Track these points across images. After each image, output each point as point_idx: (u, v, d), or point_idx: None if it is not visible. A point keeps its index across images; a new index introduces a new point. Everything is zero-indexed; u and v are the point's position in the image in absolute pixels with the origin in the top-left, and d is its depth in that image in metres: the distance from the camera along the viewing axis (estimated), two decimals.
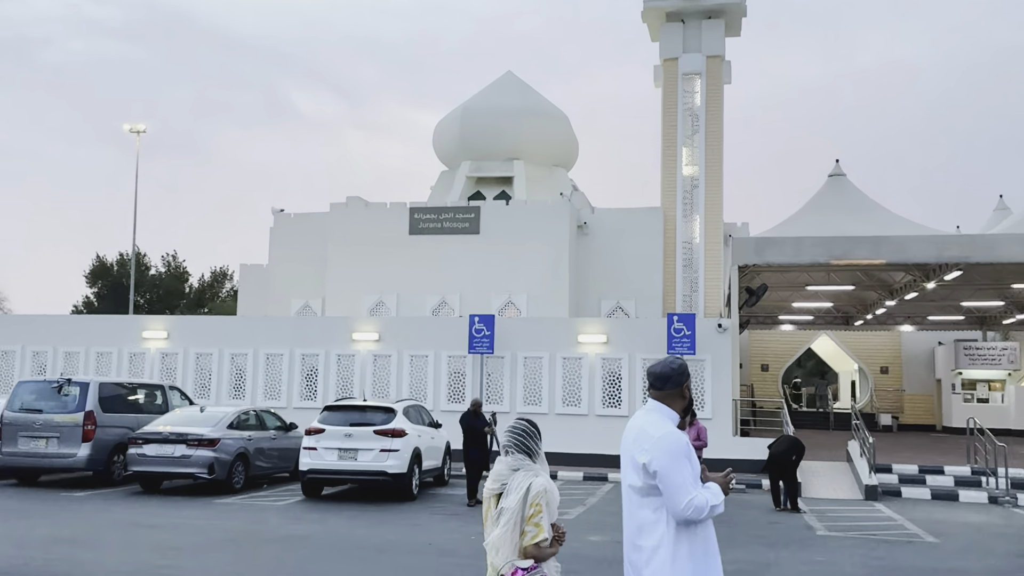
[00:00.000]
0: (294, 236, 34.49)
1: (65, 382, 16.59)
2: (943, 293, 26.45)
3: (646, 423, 4.30)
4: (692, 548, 4.12)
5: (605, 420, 21.69)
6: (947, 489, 18.30)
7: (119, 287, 48.39)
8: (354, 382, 23.27)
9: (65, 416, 16.12)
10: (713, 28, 33.02)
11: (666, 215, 32.65)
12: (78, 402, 16.26)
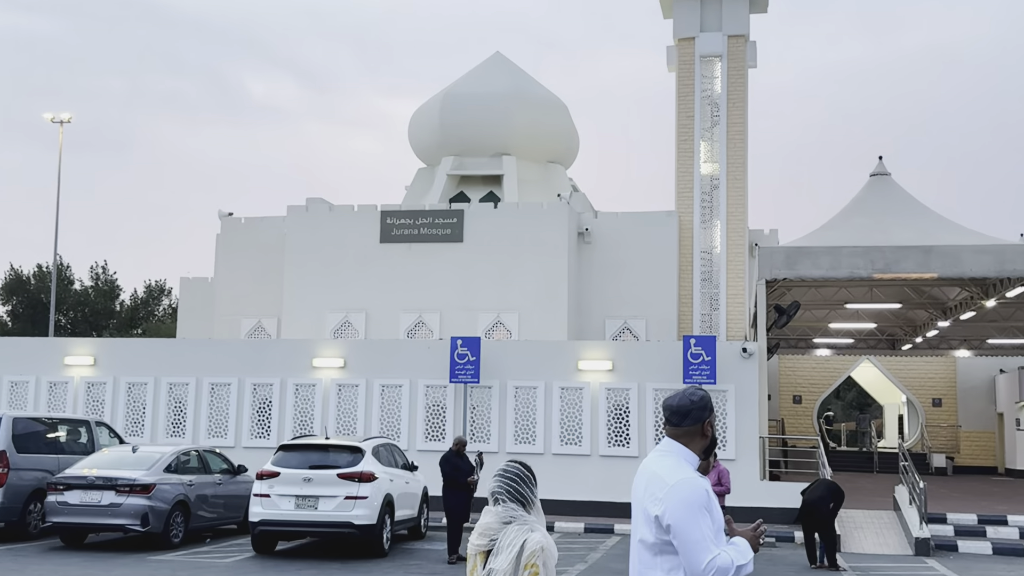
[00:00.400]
0: (245, 245, 34.40)
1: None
2: (1005, 313, 26.56)
3: (660, 467, 4.23)
4: None
5: (610, 461, 21.63)
6: (1012, 543, 18.32)
7: (37, 304, 48.18)
8: (315, 416, 23.16)
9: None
10: (736, 3, 33.24)
11: (681, 220, 32.74)
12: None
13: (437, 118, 36.23)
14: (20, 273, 50.90)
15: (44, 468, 16.60)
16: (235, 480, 17.76)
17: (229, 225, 35.09)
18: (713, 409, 4.37)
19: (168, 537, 15.63)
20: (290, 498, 15.02)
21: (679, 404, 4.32)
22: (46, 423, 17.77)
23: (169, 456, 16.41)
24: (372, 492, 15.04)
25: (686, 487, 4.07)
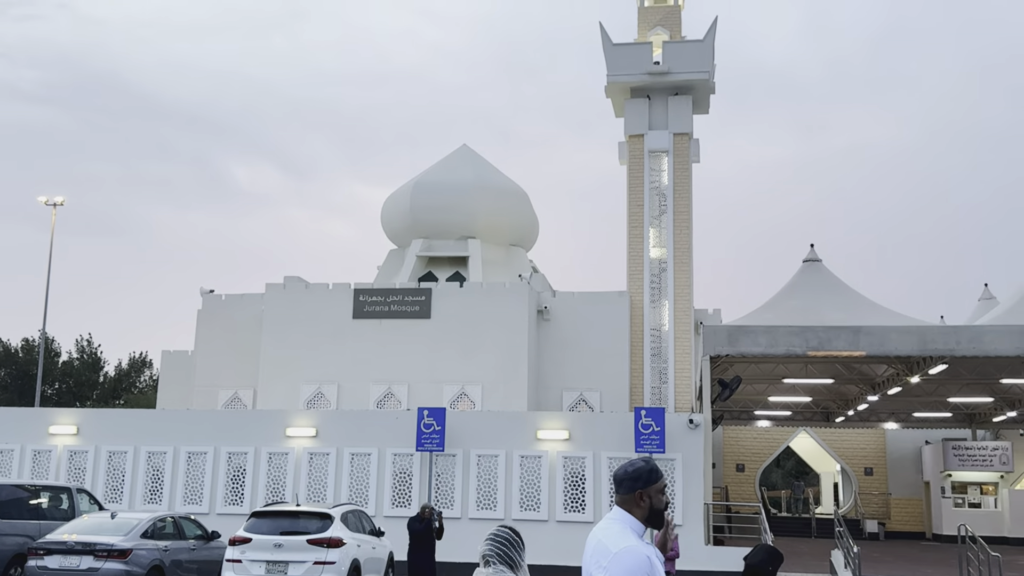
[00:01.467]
0: (224, 320, 34.16)
1: None
2: (928, 388, 26.87)
3: (605, 535, 4.17)
4: None
5: (567, 527, 21.43)
6: None
7: (24, 376, 47.29)
8: (287, 484, 22.80)
9: None
10: (680, 105, 34.07)
11: (632, 300, 33.01)
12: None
13: (408, 204, 36.50)
14: (8, 346, 50.01)
15: (26, 533, 16.17)
16: (208, 546, 17.38)
17: (210, 301, 34.88)
18: (651, 480, 4.25)
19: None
20: (261, 563, 14.73)
21: (618, 473, 4.31)
22: (29, 490, 17.35)
23: (146, 522, 16.06)
24: (340, 557, 14.82)
25: (628, 556, 4.00)
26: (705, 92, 34.61)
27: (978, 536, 20.24)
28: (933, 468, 34.90)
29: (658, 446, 21.26)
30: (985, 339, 21.05)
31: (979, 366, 23.18)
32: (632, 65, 33.96)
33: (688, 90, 34.18)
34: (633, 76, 33.93)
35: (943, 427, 35.16)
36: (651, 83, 33.97)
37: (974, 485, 33.87)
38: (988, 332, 21.43)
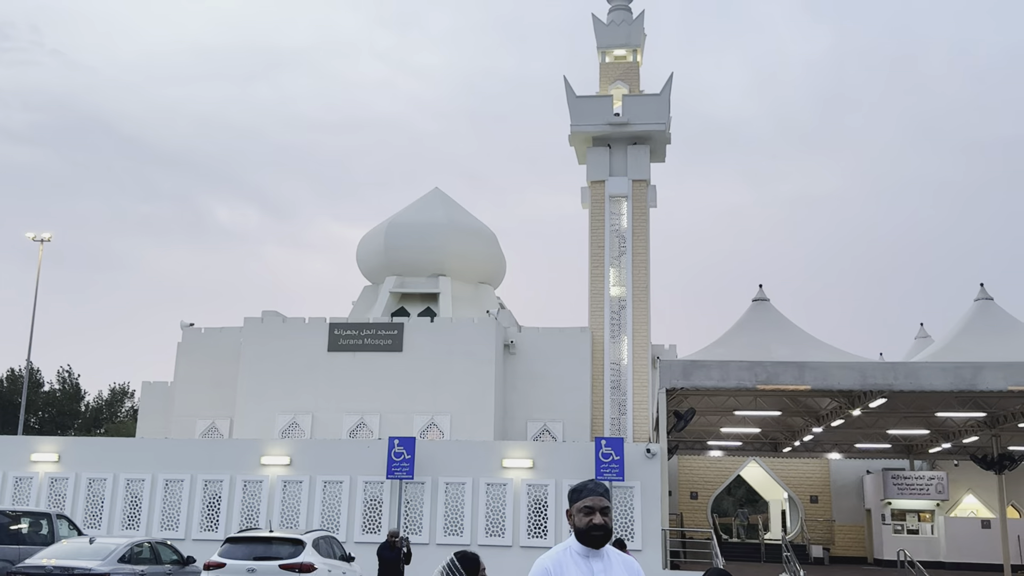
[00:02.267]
0: (203, 352, 33.81)
1: None
2: (869, 421, 27.12)
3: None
4: None
5: (530, 551, 21.28)
6: None
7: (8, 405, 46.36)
8: (261, 511, 22.49)
9: None
10: (638, 153, 34.49)
11: (594, 336, 33.11)
12: None
13: (382, 243, 36.47)
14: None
15: (5, 558, 15.75)
16: (184, 571, 17.03)
17: (190, 334, 34.52)
18: (572, 500, 4.36)
19: None
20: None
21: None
22: (9, 516, 16.95)
23: (123, 548, 15.72)
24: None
25: (535, 563, 4.29)
26: (662, 142, 35.06)
27: (916, 561, 20.38)
28: (874, 496, 35.14)
29: (618, 474, 21.24)
30: (921, 375, 21.31)
31: (916, 400, 23.44)
32: (594, 116, 34.38)
33: (646, 140, 34.61)
34: (595, 126, 34.33)
35: (883, 457, 35.45)
36: (611, 133, 34.38)
37: (912, 512, 34.10)
38: (923, 368, 21.70)
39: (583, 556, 4.25)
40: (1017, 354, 22.14)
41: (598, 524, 4.23)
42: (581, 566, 4.22)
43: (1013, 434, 27.98)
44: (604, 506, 4.26)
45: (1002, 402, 23.61)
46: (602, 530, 4.24)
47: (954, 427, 28.80)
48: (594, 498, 4.27)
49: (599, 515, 4.24)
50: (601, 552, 4.26)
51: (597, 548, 4.24)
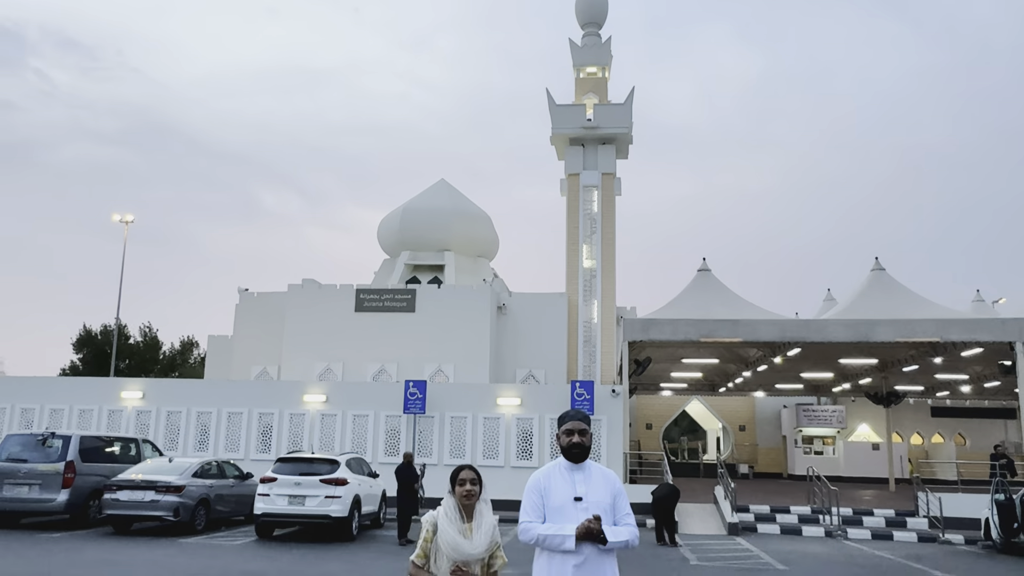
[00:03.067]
0: (256, 312, 33.80)
1: (49, 435, 15.74)
2: (786, 366, 27.41)
3: None
4: (540, 565, 4.17)
5: (519, 471, 21.57)
6: (792, 525, 18.68)
7: (102, 354, 46.23)
8: (304, 437, 22.66)
9: (48, 465, 15.26)
10: (607, 152, 34.38)
11: (570, 300, 33.22)
12: (60, 453, 15.44)
13: (398, 224, 36.36)
14: (90, 331, 48.83)
15: (102, 474, 15.92)
16: (244, 483, 17.25)
17: (245, 297, 34.47)
18: (558, 424, 4.43)
19: (193, 525, 15.07)
20: (284, 497, 14.64)
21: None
22: (104, 440, 17.10)
23: (195, 465, 15.92)
24: (345, 493, 14.75)
25: (530, 476, 4.34)
26: (625, 142, 34.94)
27: (821, 475, 20.71)
28: (788, 425, 35.59)
29: (589, 410, 21.44)
30: (828, 329, 21.55)
31: (823, 350, 23.69)
32: (570, 121, 34.19)
33: (612, 140, 34.49)
34: (571, 129, 34.17)
35: (796, 395, 35.84)
36: (585, 135, 34.23)
37: (818, 438, 34.58)
38: (830, 324, 21.93)
39: (568, 470, 4.35)
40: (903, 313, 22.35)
41: (576, 443, 4.35)
42: (566, 477, 4.33)
43: (899, 376, 28.34)
44: (582, 429, 4.37)
45: (891, 351, 23.91)
46: (580, 448, 4.35)
47: (852, 371, 29.16)
48: (574, 422, 4.38)
49: (577, 436, 4.36)
50: (583, 466, 4.37)
51: (577, 463, 4.35)
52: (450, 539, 4.05)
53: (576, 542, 4.06)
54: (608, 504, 4.26)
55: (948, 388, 31.57)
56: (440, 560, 4.08)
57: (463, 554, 4.03)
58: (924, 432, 35.89)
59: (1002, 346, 21.11)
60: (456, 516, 4.14)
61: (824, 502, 19.54)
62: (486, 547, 4.09)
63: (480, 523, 4.14)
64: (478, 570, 4.11)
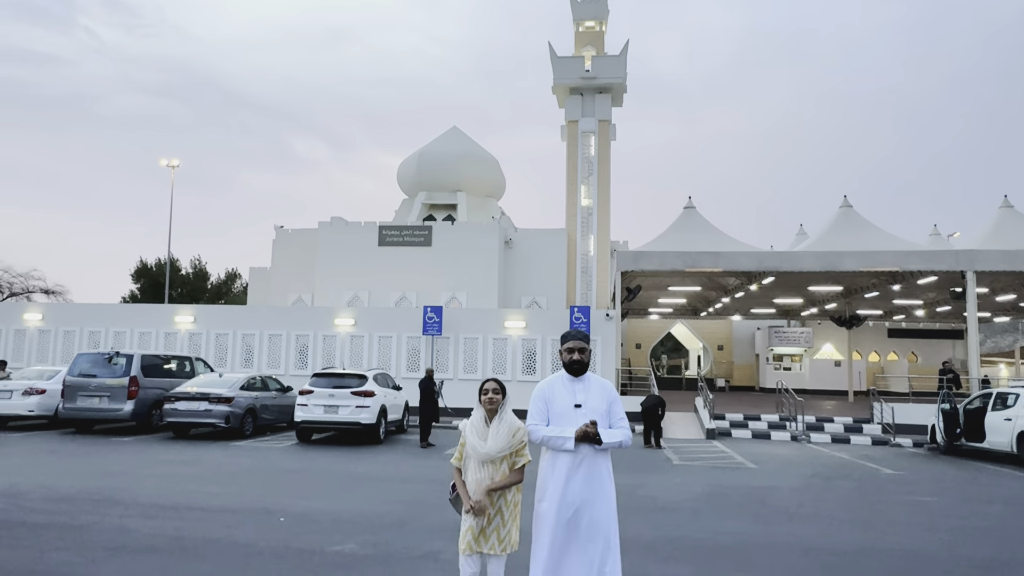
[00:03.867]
0: (291, 246, 33.79)
1: (114, 354, 15.99)
2: (761, 293, 27.42)
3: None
4: (546, 462, 4.27)
5: (524, 384, 21.88)
6: (763, 431, 19.02)
7: (157, 284, 46.60)
8: (336, 356, 22.98)
9: (114, 380, 15.57)
10: (603, 100, 33.57)
11: (569, 235, 33.06)
12: (124, 369, 15.72)
13: (416, 167, 35.91)
14: (146, 263, 49.06)
15: (161, 387, 16.25)
16: (285, 395, 17.58)
17: (281, 233, 34.40)
18: (561, 343, 4.45)
19: (242, 431, 15.44)
20: (320, 407, 14.93)
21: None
22: (162, 358, 17.36)
23: (243, 379, 16.19)
24: (373, 403, 15.02)
25: (535, 387, 4.41)
26: (620, 91, 34.08)
27: (789, 388, 20.96)
28: (761, 345, 35.88)
29: (585, 331, 21.51)
30: (800, 260, 21.42)
31: (795, 278, 23.63)
32: (570, 72, 33.28)
33: (608, 90, 33.65)
34: (571, 80, 33.30)
35: (769, 319, 35.99)
36: (583, 84, 33.38)
37: (787, 356, 34.90)
38: (801, 256, 21.79)
39: (569, 381, 4.41)
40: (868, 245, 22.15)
41: (577, 360, 4.41)
42: (568, 387, 4.39)
43: (860, 302, 28.34)
44: (581, 347, 4.42)
45: (855, 279, 23.85)
46: (579, 364, 4.40)
47: (819, 297, 29.16)
48: (574, 342, 4.43)
49: (578, 353, 4.40)
50: (583, 378, 4.43)
51: (577, 376, 4.41)
52: (471, 444, 4.16)
53: (575, 443, 4.11)
54: (604, 410, 4.33)
55: (904, 312, 31.61)
56: (469, 461, 4.21)
57: (481, 454, 4.14)
58: (881, 351, 36.15)
59: (954, 275, 21.01)
60: (480, 424, 4.24)
61: (791, 411, 19.84)
62: (502, 448, 4.19)
63: (499, 428, 4.23)
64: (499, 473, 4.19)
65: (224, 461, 12.12)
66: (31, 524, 7.18)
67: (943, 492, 10.82)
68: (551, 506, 4.18)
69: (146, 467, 11.29)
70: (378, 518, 7.77)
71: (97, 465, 11.28)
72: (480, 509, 4.09)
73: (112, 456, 12.35)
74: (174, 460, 12.06)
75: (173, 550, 6.26)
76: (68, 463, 11.52)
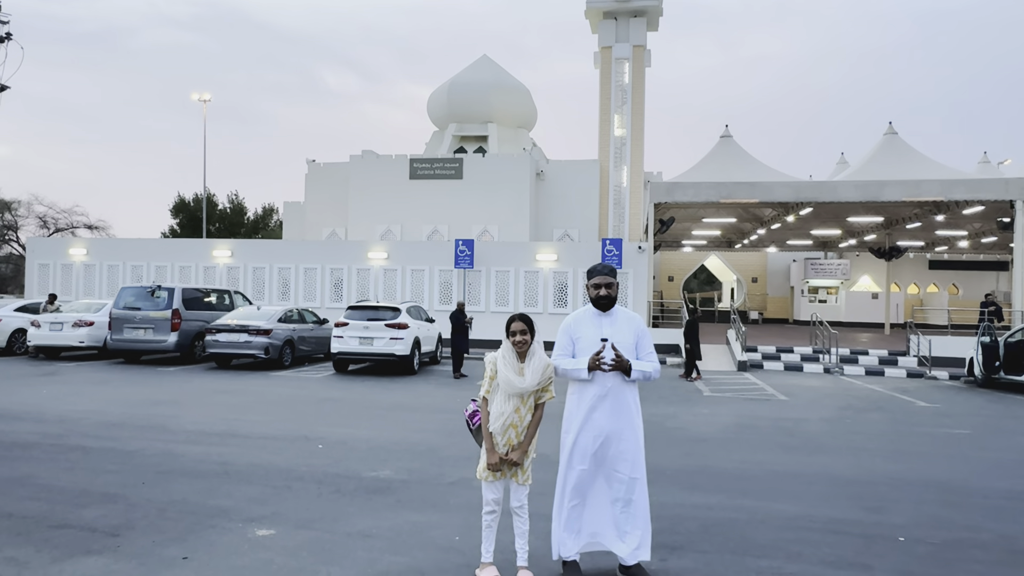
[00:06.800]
0: (323, 180, 33.83)
1: (157, 288, 16.41)
2: (798, 224, 26.79)
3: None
4: (573, 395, 4.30)
5: (555, 316, 21.98)
6: (795, 363, 18.91)
7: (195, 218, 47.38)
8: (369, 289, 23.27)
9: (158, 313, 16.03)
10: (638, 24, 32.22)
11: (602, 166, 32.44)
12: (167, 302, 16.15)
13: (446, 98, 35.25)
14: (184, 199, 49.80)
15: (202, 320, 16.68)
16: (321, 327, 17.94)
17: (314, 168, 34.40)
18: (588, 277, 4.37)
19: (281, 361, 15.87)
20: (356, 339, 15.20)
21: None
22: (203, 292, 17.77)
23: (280, 312, 16.52)
24: (406, 335, 15.24)
25: (563, 320, 4.41)
26: (656, 15, 32.59)
27: (823, 320, 20.68)
28: (797, 277, 35.30)
29: (618, 264, 21.44)
30: (839, 190, 20.75)
31: (834, 209, 22.96)
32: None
33: (643, 13, 32.21)
34: (604, 3, 31.92)
35: (805, 251, 35.26)
36: (617, 8, 31.98)
37: (823, 288, 34.33)
38: (841, 185, 21.09)
39: (596, 315, 4.36)
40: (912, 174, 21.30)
41: (603, 295, 4.34)
42: (595, 321, 4.35)
43: (901, 233, 27.50)
44: (608, 282, 4.33)
45: (898, 209, 23.06)
46: (607, 299, 4.33)
47: (859, 228, 28.36)
48: (600, 277, 4.34)
49: (604, 289, 4.33)
50: (610, 312, 4.37)
51: (604, 311, 4.35)
52: (505, 378, 4.15)
53: (589, 371, 4.17)
54: (631, 343, 4.28)
55: (947, 243, 30.61)
56: (497, 395, 4.21)
57: (516, 389, 4.14)
58: (921, 283, 35.29)
59: (1003, 204, 20.13)
60: (512, 358, 4.22)
61: (824, 343, 19.62)
62: (537, 383, 4.19)
63: (531, 364, 4.21)
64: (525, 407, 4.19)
65: (264, 390, 12.52)
66: (85, 448, 7.54)
67: (979, 425, 10.67)
68: (577, 437, 4.21)
69: (190, 396, 11.72)
70: (412, 446, 7.98)
71: (144, 394, 11.74)
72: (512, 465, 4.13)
73: (158, 385, 12.85)
74: (217, 389, 12.49)
75: (219, 474, 6.53)
76: (117, 392, 12.02)
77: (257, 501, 5.67)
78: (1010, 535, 5.26)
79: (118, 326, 16.06)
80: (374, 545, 4.74)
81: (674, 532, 5.10)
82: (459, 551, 4.64)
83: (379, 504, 5.67)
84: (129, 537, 4.81)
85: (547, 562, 4.36)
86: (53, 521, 5.10)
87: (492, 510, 4.17)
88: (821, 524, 5.40)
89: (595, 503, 4.21)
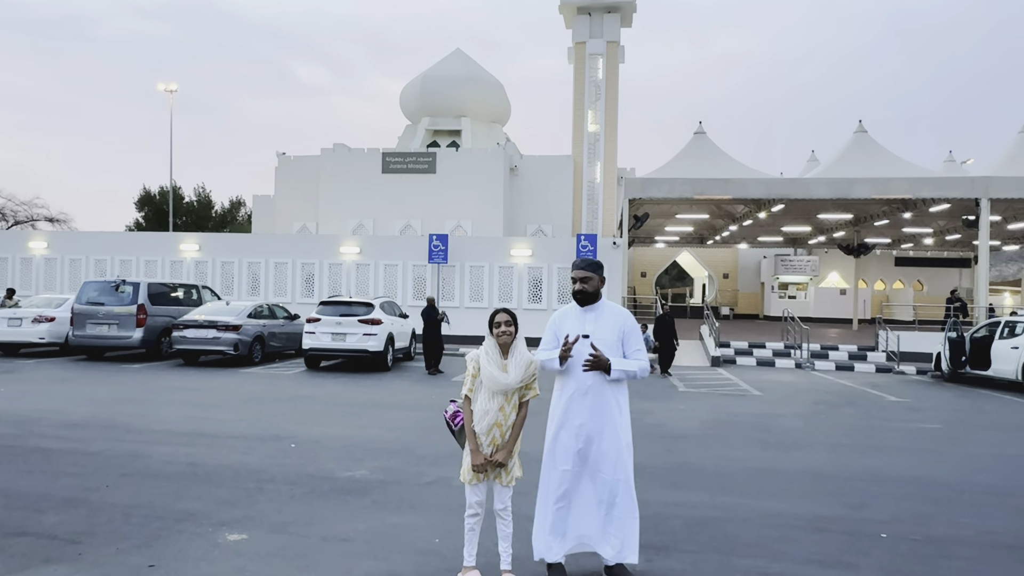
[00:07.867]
0: (294, 174, 33.27)
1: (121, 282, 15.94)
2: (769, 221, 27.10)
3: None
4: (556, 391, 4.23)
5: (530, 313, 21.89)
6: (767, 358, 19.12)
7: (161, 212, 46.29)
8: (342, 284, 22.94)
9: (123, 308, 15.56)
10: (612, 20, 32.24)
11: (576, 161, 32.42)
12: (132, 297, 15.69)
13: (419, 91, 34.89)
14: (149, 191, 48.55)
15: (169, 315, 16.25)
16: (292, 323, 17.63)
17: (283, 161, 33.80)
18: (572, 270, 4.31)
19: (251, 358, 15.53)
20: (328, 334, 14.96)
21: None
22: (170, 286, 17.31)
23: (250, 307, 16.18)
24: (380, 331, 15.05)
25: (551, 316, 4.37)
26: (629, 11, 32.66)
27: (794, 315, 20.92)
28: (767, 274, 35.74)
29: (594, 259, 21.34)
30: (810, 187, 21.00)
31: (804, 206, 23.26)
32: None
33: (617, 9, 32.23)
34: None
35: (776, 247, 35.75)
36: (591, 4, 31.94)
37: (793, 284, 34.82)
38: (812, 183, 21.35)
39: (581, 311, 4.26)
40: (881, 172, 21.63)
41: (579, 290, 4.26)
42: (578, 316, 4.25)
43: (869, 230, 27.99)
44: (584, 276, 4.24)
45: (866, 207, 23.44)
46: (583, 294, 4.24)
47: (828, 225, 28.80)
48: (577, 271, 4.29)
49: (579, 283, 4.24)
50: (596, 307, 4.27)
51: (582, 306, 4.24)
52: (489, 374, 4.02)
53: (561, 363, 4.10)
54: (614, 340, 4.18)
55: (912, 240, 31.25)
56: (481, 393, 4.07)
57: (500, 385, 4.01)
58: (887, 279, 36.01)
59: (968, 202, 20.57)
60: (496, 354, 4.08)
61: (795, 339, 19.85)
62: (521, 379, 4.06)
63: (514, 359, 4.08)
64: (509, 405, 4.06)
65: (234, 388, 12.20)
66: (44, 450, 7.22)
67: (949, 420, 10.84)
68: (557, 433, 4.14)
69: (157, 394, 11.36)
70: (387, 444, 7.80)
71: (109, 392, 11.35)
72: (497, 466, 4.00)
73: (123, 383, 12.44)
74: (184, 387, 12.14)
75: (186, 475, 6.28)
76: (80, 390, 11.60)
77: (227, 504, 5.46)
78: (991, 530, 5.29)
79: (80, 322, 15.55)
80: (351, 549, 4.57)
81: (658, 532, 5.02)
82: (440, 554, 4.50)
83: (355, 506, 5.49)
84: (91, 544, 4.57)
85: (531, 564, 4.24)
86: (10, 528, 4.83)
87: (475, 513, 4.04)
88: (804, 521, 5.37)
89: (581, 505, 4.10)
